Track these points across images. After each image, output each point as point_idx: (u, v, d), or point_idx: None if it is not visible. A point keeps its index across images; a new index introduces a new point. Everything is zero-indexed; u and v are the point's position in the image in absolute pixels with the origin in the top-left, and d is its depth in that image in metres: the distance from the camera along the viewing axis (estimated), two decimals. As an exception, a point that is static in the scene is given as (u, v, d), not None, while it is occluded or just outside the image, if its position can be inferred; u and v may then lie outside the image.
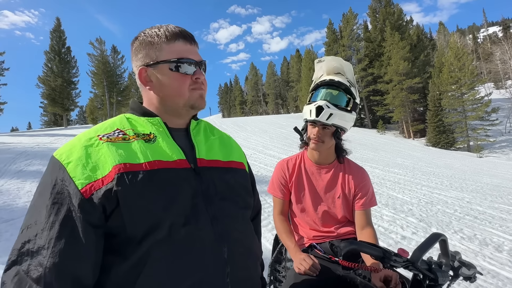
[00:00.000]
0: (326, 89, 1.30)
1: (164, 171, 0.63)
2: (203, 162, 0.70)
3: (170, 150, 0.66)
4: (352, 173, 1.39)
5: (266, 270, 2.34)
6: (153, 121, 0.69)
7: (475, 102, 26.24)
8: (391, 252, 0.77)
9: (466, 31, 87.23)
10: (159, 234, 0.58)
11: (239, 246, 0.68)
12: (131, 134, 0.65)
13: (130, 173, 0.59)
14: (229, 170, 0.76)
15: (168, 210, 0.60)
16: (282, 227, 1.42)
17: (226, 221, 0.67)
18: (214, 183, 0.69)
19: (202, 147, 0.73)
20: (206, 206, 0.65)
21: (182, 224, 0.60)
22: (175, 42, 0.71)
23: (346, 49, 37.40)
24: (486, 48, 52.81)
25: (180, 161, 0.66)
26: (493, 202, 5.45)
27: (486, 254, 3.02)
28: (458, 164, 13.18)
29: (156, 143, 0.66)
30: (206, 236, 0.63)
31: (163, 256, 0.58)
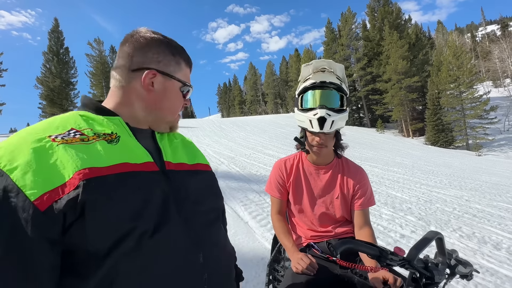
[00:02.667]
0: (319, 90, 1.25)
1: (133, 174, 0.57)
2: (171, 165, 0.67)
3: (136, 152, 0.61)
4: (351, 173, 1.39)
5: (265, 269, 2.35)
6: (114, 120, 0.63)
7: (474, 100, 26.29)
8: (387, 251, 0.77)
9: (465, 30, 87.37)
10: (127, 245, 0.52)
11: (214, 250, 0.66)
12: (90, 134, 0.57)
13: (97, 178, 0.52)
14: (197, 173, 0.74)
15: (139, 218, 0.54)
16: (280, 227, 1.42)
17: (199, 225, 0.65)
18: (185, 186, 0.66)
19: (168, 149, 0.70)
20: (178, 210, 0.61)
21: (152, 232, 0.55)
22: (188, 68, 0.75)
23: (345, 48, 37.42)
24: (485, 46, 52.91)
25: (148, 164, 0.61)
26: (492, 200, 5.46)
27: (484, 252, 3.03)
28: (457, 162, 13.20)
29: (120, 144, 0.59)
30: (180, 242, 0.59)
31: (132, 270, 0.52)
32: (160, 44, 0.69)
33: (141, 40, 0.68)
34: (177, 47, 0.72)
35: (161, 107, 0.69)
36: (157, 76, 0.68)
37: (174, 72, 0.70)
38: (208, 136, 15.82)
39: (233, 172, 6.61)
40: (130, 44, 0.68)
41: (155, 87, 0.68)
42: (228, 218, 3.54)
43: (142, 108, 0.68)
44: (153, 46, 0.68)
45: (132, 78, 0.67)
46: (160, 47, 0.69)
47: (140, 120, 0.68)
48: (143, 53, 0.67)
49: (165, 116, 0.71)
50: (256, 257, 2.64)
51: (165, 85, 0.69)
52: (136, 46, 0.68)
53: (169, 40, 0.72)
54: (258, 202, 4.34)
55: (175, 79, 0.70)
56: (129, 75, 0.67)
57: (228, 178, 5.91)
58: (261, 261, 2.57)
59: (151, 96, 0.68)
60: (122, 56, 0.68)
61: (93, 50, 39.36)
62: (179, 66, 0.72)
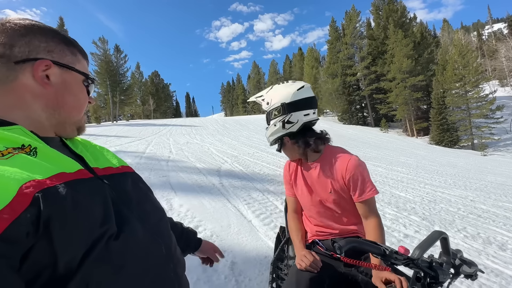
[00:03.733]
0: None
1: (79, 182, 0.52)
2: (100, 171, 0.63)
3: (63, 161, 0.54)
4: (337, 165, 1.33)
5: (268, 268, 2.35)
6: (14, 131, 0.52)
7: (480, 100, 26.03)
8: (391, 250, 0.77)
9: (471, 28, 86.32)
10: (98, 251, 0.48)
11: (169, 241, 0.67)
12: (2, 148, 0.48)
13: (51, 189, 0.46)
14: (126, 175, 0.70)
15: (106, 222, 0.51)
16: (293, 224, 1.49)
17: (152, 222, 0.64)
18: (123, 189, 0.63)
19: (88, 156, 0.65)
20: (129, 212, 0.59)
21: (117, 234, 0.53)
22: (85, 60, 0.67)
23: (349, 47, 37.22)
24: (491, 45, 52.27)
25: (82, 172, 0.55)
26: (497, 200, 5.41)
27: (489, 252, 3.01)
28: (462, 162, 13.08)
29: (40, 155, 0.51)
30: (142, 239, 0.58)
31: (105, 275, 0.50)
32: (47, 32, 0.59)
33: (18, 27, 0.56)
34: (67, 37, 0.64)
35: (65, 104, 0.61)
36: (52, 68, 0.58)
37: (72, 63, 0.62)
38: (211, 135, 15.86)
39: (237, 171, 6.62)
40: (4, 33, 0.55)
41: (52, 81, 0.58)
42: (232, 217, 3.58)
43: (42, 108, 0.58)
44: (38, 34, 0.58)
45: (17, 72, 0.55)
46: (48, 35, 0.59)
47: (43, 124, 0.59)
48: (27, 41, 0.56)
49: (71, 115, 0.63)
50: (260, 256, 2.65)
51: (64, 78, 0.60)
52: (13, 34, 0.55)
53: (56, 29, 0.62)
54: (262, 201, 4.35)
55: (75, 70, 0.62)
56: (13, 68, 0.54)
57: (231, 177, 5.93)
58: (264, 259, 2.58)
59: (49, 91, 0.58)
60: None
61: (98, 49, 39.66)
62: (76, 57, 0.63)
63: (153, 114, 55.71)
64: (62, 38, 0.62)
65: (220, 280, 2.25)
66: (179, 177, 5.73)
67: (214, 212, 3.74)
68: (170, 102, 71.30)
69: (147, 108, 55.94)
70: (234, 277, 2.30)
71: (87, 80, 0.65)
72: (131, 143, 11.59)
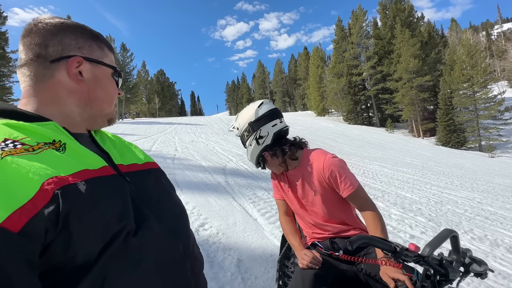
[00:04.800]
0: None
1: (100, 179, 0.54)
2: (124, 167, 0.64)
3: (89, 157, 0.56)
4: (317, 167, 1.35)
5: (274, 266, 2.36)
6: (48, 127, 0.55)
7: (488, 100, 25.65)
8: (402, 247, 0.78)
9: (480, 28, 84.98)
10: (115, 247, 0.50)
11: (188, 239, 0.67)
12: (33, 143, 0.49)
13: (70, 186, 0.47)
14: (150, 172, 0.71)
15: (124, 218, 0.52)
16: (287, 228, 1.52)
17: (173, 221, 0.65)
18: (145, 187, 0.64)
19: (115, 153, 0.66)
20: (148, 209, 0.60)
21: (135, 230, 0.54)
22: (112, 53, 0.69)
23: (355, 46, 36.94)
24: (500, 45, 51.40)
25: (106, 168, 0.57)
26: (505, 203, 5.34)
27: (497, 255, 2.98)
28: (469, 164, 12.92)
29: (68, 151, 0.53)
30: (160, 236, 0.58)
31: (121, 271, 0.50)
32: (75, 29, 0.62)
33: (49, 27, 0.58)
34: (93, 31, 0.65)
35: (96, 98, 0.63)
36: (83, 64, 0.60)
37: (101, 57, 0.64)
38: (216, 134, 15.91)
39: (242, 169, 6.65)
40: (37, 34, 0.58)
41: (84, 77, 0.61)
42: (237, 215, 3.60)
43: (76, 104, 0.61)
44: (68, 32, 0.60)
45: (54, 70, 0.58)
46: (76, 32, 0.61)
47: (76, 119, 0.61)
48: (59, 40, 0.58)
49: (103, 108, 0.65)
50: (265, 254, 2.67)
51: (94, 73, 0.62)
52: (46, 34, 0.58)
53: (82, 25, 0.64)
54: (267, 199, 4.37)
55: (105, 65, 0.64)
56: (49, 67, 0.57)
57: (237, 176, 5.95)
58: (270, 257, 2.60)
59: (83, 87, 0.61)
60: (30, 49, 0.58)
61: (104, 47, 39.96)
62: (103, 51, 0.65)
63: (159, 112, 56.07)
64: (89, 33, 0.64)
65: (226, 277, 2.27)
66: (185, 175, 5.78)
67: (220, 210, 3.77)
68: (175, 100, 71.69)
69: (153, 107, 56.31)
70: (240, 274, 2.32)
71: (115, 73, 0.67)
72: (137, 141, 11.70)
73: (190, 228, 0.72)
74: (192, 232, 0.73)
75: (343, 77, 37.11)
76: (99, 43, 0.65)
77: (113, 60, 0.69)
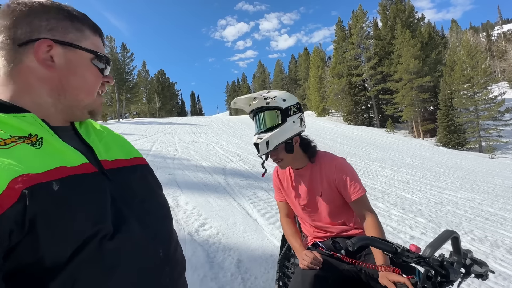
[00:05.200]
0: (255, 119, 1.37)
1: (77, 178, 0.50)
2: (108, 163, 0.60)
3: (67, 153, 0.52)
4: (326, 168, 1.38)
5: (274, 266, 2.36)
6: (26, 119, 0.51)
7: (488, 101, 25.66)
8: (403, 248, 0.78)
9: (480, 29, 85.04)
10: (88, 252, 0.47)
11: (171, 243, 0.64)
12: (5, 137, 0.46)
13: (41, 185, 0.44)
14: (136, 168, 0.67)
15: (100, 221, 0.49)
16: (288, 229, 1.51)
17: (154, 223, 0.61)
18: (129, 185, 0.60)
19: (99, 147, 0.61)
20: (129, 210, 0.56)
21: (112, 234, 0.50)
22: (96, 36, 0.61)
23: (355, 47, 36.97)
24: (501, 46, 51.41)
25: (85, 166, 0.53)
26: (505, 204, 5.34)
27: (497, 256, 2.98)
28: (469, 165, 12.92)
29: (45, 146, 0.50)
30: (139, 240, 0.55)
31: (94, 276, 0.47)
32: (49, 10, 0.55)
33: (21, 7, 0.53)
34: (73, 11, 0.58)
35: (69, 86, 0.57)
36: (54, 48, 0.54)
37: (77, 40, 0.57)
38: (216, 134, 15.92)
39: (242, 169, 6.65)
40: (8, 15, 0.53)
41: (56, 62, 0.55)
42: (237, 215, 3.60)
43: (48, 93, 0.55)
44: (40, 13, 0.54)
45: (22, 55, 0.53)
46: (50, 13, 0.55)
47: (50, 110, 0.56)
48: (29, 22, 0.53)
49: (79, 98, 0.59)
50: (265, 254, 2.67)
51: (68, 58, 0.56)
52: (16, 15, 0.53)
53: (60, 5, 0.58)
54: (267, 200, 4.37)
55: (81, 48, 0.57)
56: (17, 51, 0.53)
57: (237, 176, 5.95)
58: (270, 258, 2.60)
59: (53, 74, 0.55)
60: (1, 32, 0.53)
61: (105, 47, 39.97)
62: (82, 33, 0.58)
63: (159, 112, 56.09)
64: (67, 13, 0.57)
65: (226, 277, 2.27)
66: (185, 175, 5.78)
67: (220, 210, 3.77)
68: (175, 100, 71.70)
69: (153, 107, 56.34)
70: (240, 274, 2.32)
71: (97, 58, 0.60)
72: (137, 141, 11.70)
73: (173, 230, 0.69)
74: (175, 234, 0.69)
75: (343, 77, 37.13)
76: (77, 24, 0.58)
77: (98, 44, 0.61)
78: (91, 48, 0.59)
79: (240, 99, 1.37)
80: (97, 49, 0.60)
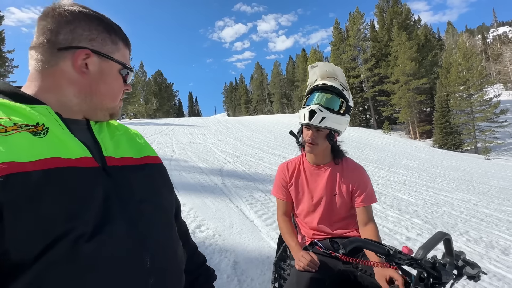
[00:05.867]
0: (320, 93, 1.35)
1: (66, 170, 0.49)
2: (113, 160, 0.60)
3: (70, 145, 0.53)
4: (350, 171, 1.42)
5: (270, 268, 2.36)
6: (39, 110, 0.53)
7: (484, 103, 25.89)
8: (396, 250, 0.78)
9: (475, 31, 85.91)
10: (58, 251, 0.44)
11: (163, 252, 0.60)
12: (9, 124, 0.48)
13: (18, 175, 0.43)
14: (144, 167, 0.66)
15: (75, 219, 0.47)
16: (285, 228, 1.49)
17: (146, 226, 0.58)
18: (130, 184, 0.60)
19: (109, 144, 0.62)
20: (121, 210, 0.54)
21: (91, 235, 0.48)
22: (126, 49, 0.67)
23: (353, 48, 37.14)
24: (496, 48, 51.95)
25: (85, 159, 0.53)
26: (500, 205, 5.38)
27: (492, 257, 3.00)
28: (465, 166, 13.01)
29: (49, 136, 0.51)
30: (123, 245, 0.52)
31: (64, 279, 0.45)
32: (91, 20, 0.59)
33: (66, 14, 0.57)
34: (112, 24, 0.63)
35: (98, 92, 0.61)
36: (91, 57, 0.58)
37: (111, 52, 0.62)
38: (214, 135, 15.89)
39: (239, 171, 6.64)
40: (53, 19, 0.56)
41: (90, 69, 0.59)
42: (234, 216, 3.60)
43: (75, 94, 0.59)
44: (83, 22, 0.58)
45: (59, 58, 0.56)
46: (92, 23, 0.59)
47: (73, 108, 0.59)
48: (72, 29, 0.57)
49: (103, 103, 0.63)
50: (262, 256, 2.67)
51: (101, 67, 0.60)
52: (61, 21, 0.56)
53: (102, 16, 0.62)
54: (264, 201, 4.37)
55: (113, 60, 0.62)
56: (55, 55, 0.56)
57: (234, 177, 5.95)
58: (267, 259, 2.59)
59: (85, 79, 0.59)
60: (42, 33, 0.56)
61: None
62: (117, 45, 0.63)
63: (156, 113, 55.92)
64: (106, 26, 0.61)
65: (222, 279, 2.26)
66: (182, 176, 5.76)
67: (216, 212, 3.76)
68: (173, 101, 71.57)
69: (150, 107, 56.17)
70: (236, 276, 2.31)
71: (124, 69, 0.65)
72: (134, 142, 11.64)
73: (173, 237, 0.66)
74: (175, 243, 0.66)
75: (340, 79, 37.21)
76: (113, 37, 0.62)
77: (127, 55, 0.67)
78: (122, 60, 0.64)
79: (321, 66, 1.35)
80: (126, 61, 0.66)
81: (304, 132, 1.40)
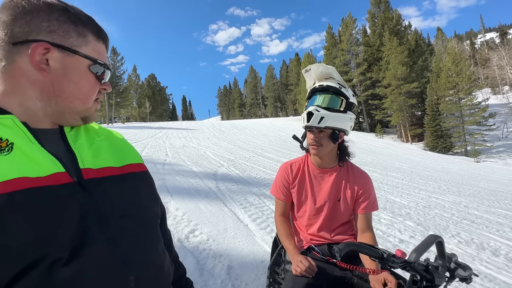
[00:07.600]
0: (318, 94, 1.35)
1: (35, 191, 0.44)
2: (91, 173, 0.54)
3: (38, 161, 0.47)
4: (355, 177, 1.42)
5: (265, 272, 2.34)
6: (3, 121, 0.47)
7: (473, 107, 26.45)
8: (389, 253, 0.79)
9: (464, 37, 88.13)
10: (33, 278, 0.41)
11: (149, 270, 0.56)
12: None
13: None
14: (126, 177, 0.60)
15: (49, 243, 0.43)
16: (282, 229, 1.45)
17: (130, 244, 0.54)
18: (110, 198, 0.54)
19: (86, 153, 0.56)
20: (101, 229, 0.50)
21: (68, 259, 0.44)
22: (100, 42, 0.58)
23: (345, 53, 37.63)
24: (484, 53, 53.29)
25: (57, 176, 0.48)
26: (490, 206, 5.49)
27: (483, 258, 3.04)
28: (455, 168, 13.25)
29: (14, 153, 0.45)
30: (105, 267, 0.48)
31: None
32: (53, 10, 0.52)
33: (24, 4, 0.50)
34: (79, 14, 0.55)
35: (63, 92, 0.53)
36: (52, 51, 0.51)
37: (77, 46, 0.53)
38: (207, 139, 15.84)
39: (233, 174, 6.62)
40: (8, 10, 0.50)
41: (51, 66, 0.51)
42: (228, 220, 3.58)
43: (37, 96, 0.52)
44: (42, 12, 0.51)
45: (15, 54, 0.50)
46: (53, 14, 0.51)
47: (38, 113, 0.52)
48: (28, 20, 0.50)
49: (71, 105, 0.55)
50: (256, 260, 2.65)
51: (64, 63, 0.52)
52: (17, 12, 0.49)
53: (68, 6, 0.54)
54: (258, 205, 4.35)
55: (80, 54, 0.54)
56: (11, 51, 0.50)
57: (228, 181, 5.92)
58: (261, 264, 2.58)
59: (46, 78, 0.51)
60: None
61: (94, 51, 39.51)
62: (84, 38, 0.55)
63: (149, 116, 55.49)
64: (70, 16, 0.54)
65: (216, 284, 2.24)
66: (175, 180, 5.71)
67: (210, 216, 3.73)
68: (166, 105, 71.16)
69: (143, 111, 55.72)
70: (230, 281, 2.29)
71: (95, 65, 0.56)
72: (127, 145, 11.52)
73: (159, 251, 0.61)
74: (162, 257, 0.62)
75: (333, 83, 37.58)
76: (80, 28, 0.54)
77: (99, 50, 0.58)
78: (91, 55, 0.55)
79: (315, 69, 1.34)
80: (98, 56, 0.57)
81: (307, 136, 1.40)
